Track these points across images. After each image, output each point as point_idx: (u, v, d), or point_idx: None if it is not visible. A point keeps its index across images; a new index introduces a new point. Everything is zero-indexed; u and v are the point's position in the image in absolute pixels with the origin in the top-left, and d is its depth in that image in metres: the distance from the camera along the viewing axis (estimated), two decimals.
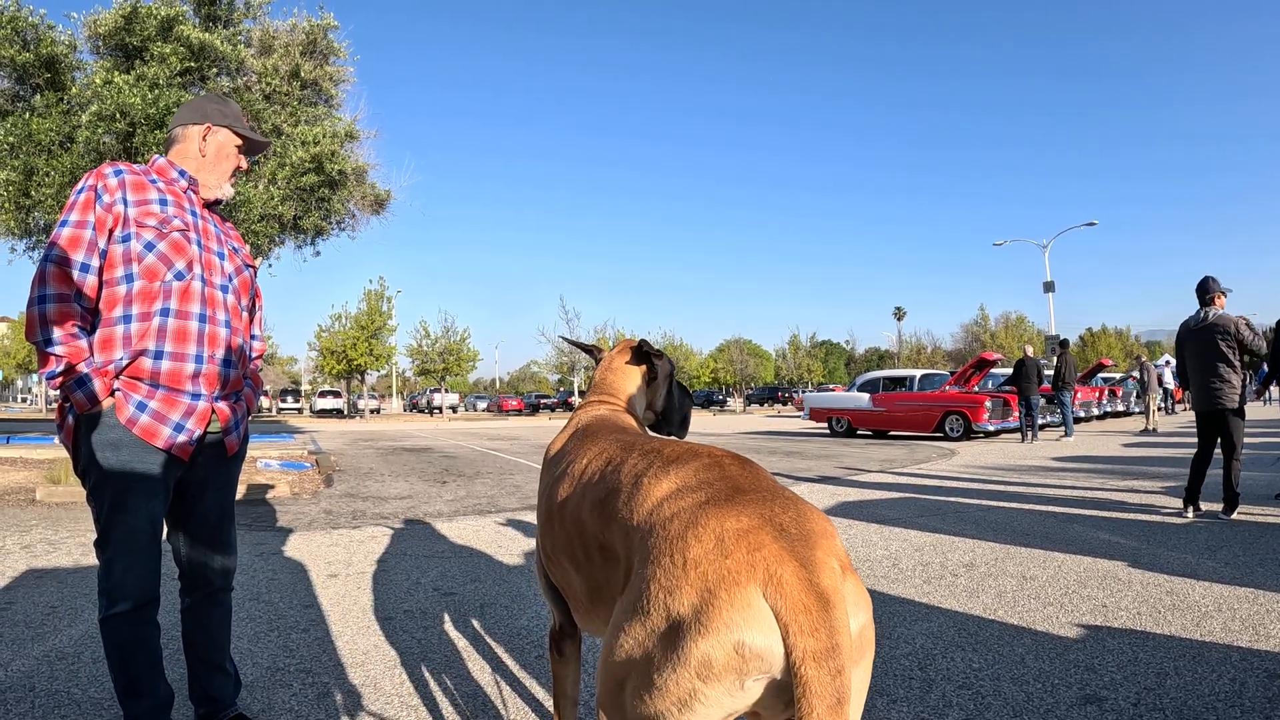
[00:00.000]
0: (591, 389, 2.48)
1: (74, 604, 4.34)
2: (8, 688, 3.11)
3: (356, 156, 14.70)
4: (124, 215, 2.35)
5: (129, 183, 2.40)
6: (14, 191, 11.30)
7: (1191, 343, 6.93)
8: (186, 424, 2.37)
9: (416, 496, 9.23)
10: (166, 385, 2.35)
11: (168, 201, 2.45)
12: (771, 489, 1.37)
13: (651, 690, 1.18)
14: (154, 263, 2.35)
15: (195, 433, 2.40)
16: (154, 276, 2.35)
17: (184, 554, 2.58)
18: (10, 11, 11.31)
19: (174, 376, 2.35)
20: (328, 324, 46.78)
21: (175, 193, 2.51)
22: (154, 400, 2.33)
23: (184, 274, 2.40)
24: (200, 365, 2.40)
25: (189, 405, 2.39)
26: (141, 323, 2.32)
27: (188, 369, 2.37)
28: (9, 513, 7.56)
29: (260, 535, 6.53)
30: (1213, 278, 6.86)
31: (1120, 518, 6.69)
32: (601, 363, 2.55)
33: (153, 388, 2.33)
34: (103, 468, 2.29)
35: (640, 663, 1.20)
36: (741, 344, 72.08)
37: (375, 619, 4.06)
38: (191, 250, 2.44)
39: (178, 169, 2.56)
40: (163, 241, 2.37)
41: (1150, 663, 3.19)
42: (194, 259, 2.43)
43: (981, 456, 13.37)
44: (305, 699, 2.99)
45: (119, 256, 2.33)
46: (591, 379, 2.59)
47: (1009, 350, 59.17)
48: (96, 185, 2.36)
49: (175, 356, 2.34)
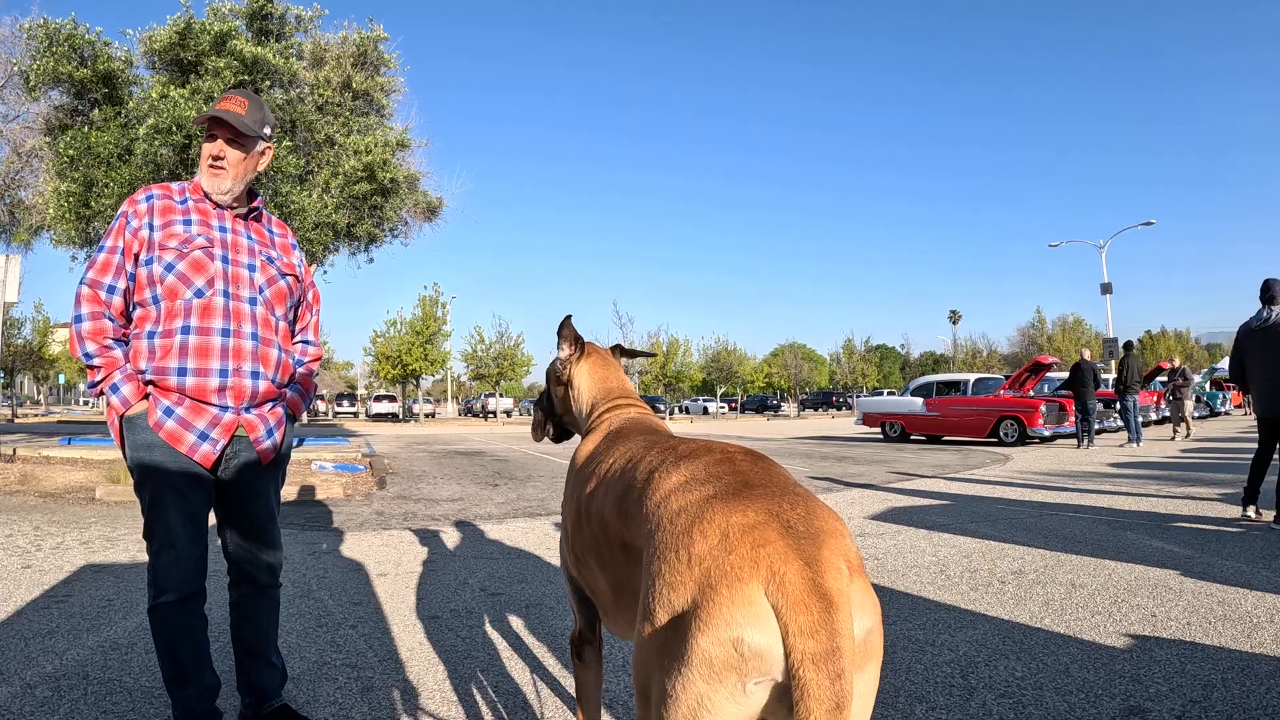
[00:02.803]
0: (608, 391, 2.37)
1: (129, 598, 4.48)
2: (63, 675, 3.23)
3: (408, 165, 14.94)
4: (148, 239, 2.50)
5: (157, 207, 2.55)
6: (74, 202, 11.70)
7: (1255, 344, 6.72)
8: (211, 433, 2.48)
9: (468, 499, 9.33)
10: (193, 397, 2.46)
11: (192, 221, 2.57)
12: (782, 485, 1.35)
13: (665, 701, 1.16)
14: (174, 283, 2.48)
15: (220, 442, 2.49)
16: (175, 296, 2.48)
17: (231, 551, 2.68)
18: (67, 30, 11.70)
19: (199, 390, 2.46)
20: (383, 329, 47.36)
21: (203, 210, 2.62)
22: (181, 408, 2.45)
23: (204, 291, 2.50)
24: (225, 379, 2.49)
25: (215, 416, 2.49)
26: (164, 339, 2.45)
27: (212, 383, 2.47)
28: (70, 510, 7.82)
29: (313, 535, 6.67)
30: (1276, 280, 6.67)
31: (1175, 525, 6.54)
32: (600, 366, 2.43)
33: (181, 397, 2.45)
34: (140, 466, 2.45)
35: (654, 664, 1.20)
36: (796, 348, 71.65)
37: (422, 617, 4.13)
38: (214, 267, 2.53)
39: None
40: (182, 261, 2.49)
41: (1198, 674, 3.12)
42: (216, 275, 2.53)
43: (1036, 462, 13.14)
44: (349, 692, 3.07)
45: (144, 278, 2.49)
46: (589, 380, 2.44)
47: (1066, 354, 57.89)
48: (128, 212, 2.54)
49: (199, 372, 2.46)
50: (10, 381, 51.44)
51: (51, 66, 11.56)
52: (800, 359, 69.51)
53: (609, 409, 2.27)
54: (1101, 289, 36.65)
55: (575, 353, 2.46)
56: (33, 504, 8.21)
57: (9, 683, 3.14)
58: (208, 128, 2.59)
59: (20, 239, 16.39)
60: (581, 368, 2.44)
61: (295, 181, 12.83)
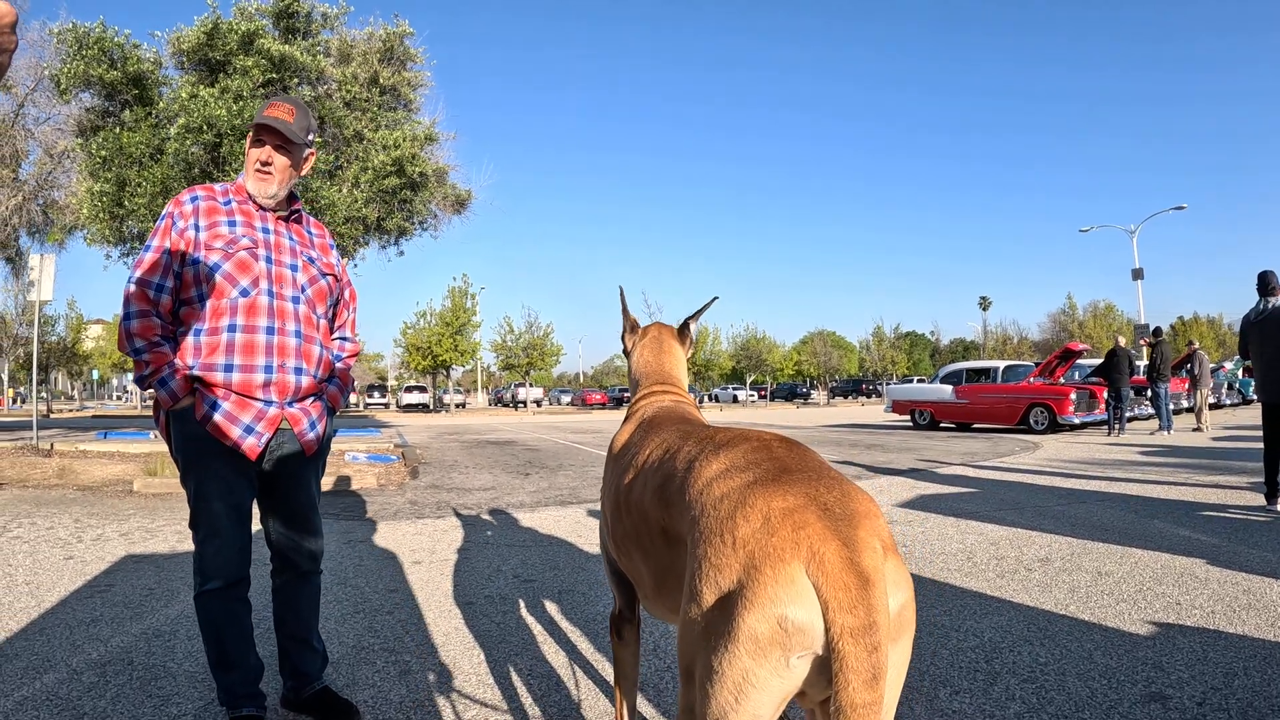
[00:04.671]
0: (646, 376, 2.44)
1: (170, 586, 4.61)
2: (108, 661, 3.35)
3: (436, 159, 15.07)
4: (194, 240, 2.58)
5: (202, 209, 2.63)
6: (108, 202, 11.90)
7: (1256, 334, 6.84)
8: (256, 427, 2.57)
9: (500, 488, 9.42)
10: (239, 393, 2.55)
11: (236, 222, 2.66)
12: (818, 469, 1.40)
13: (711, 677, 1.22)
14: (220, 282, 2.57)
15: (265, 435, 2.58)
16: (220, 295, 2.57)
17: (274, 539, 2.78)
18: (96, 33, 11.88)
19: (245, 386, 2.55)
20: (413, 321, 47.74)
21: (247, 211, 2.71)
22: (227, 402, 2.54)
23: (249, 290, 2.59)
24: (270, 375, 2.59)
25: (260, 410, 2.58)
26: (210, 337, 2.55)
27: (257, 379, 2.56)
28: (108, 503, 7.99)
29: (348, 524, 6.79)
30: (1272, 271, 6.82)
31: (1203, 514, 6.52)
32: (650, 347, 2.51)
33: (228, 392, 2.54)
34: (187, 458, 2.56)
35: (700, 643, 1.25)
36: (825, 336, 71.34)
37: (456, 603, 4.23)
38: (258, 267, 2.62)
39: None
40: (228, 262, 2.58)
41: (1220, 662, 3.14)
42: (261, 275, 2.62)
43: (1066, 450, 13.07)
44: (387, 675, 3.16)
45: (190, 278, 2.57)
46: (635, 362, 2.53)
47: (1098, 340, 57.28)
48: (174, 213, 2.62)
49: (245, 368, 2.55)
50: (45, 377, 52.29)
51: (82, 69, 11.78)
52: (830, 346, 69.22)
53: (645, 395, 2.34)
54: (1133, 274, 36.22)
55: (630, 331, 2.59)
56: (72, 497, 8.38)
57: (56, 669, 3.25)
58: (255, 133, 2.68)
59: (54, 238, 16.75)
60: (634, 347, 2.55)
61: (325, 177, 12.98)
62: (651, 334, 2.56)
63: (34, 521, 6.81)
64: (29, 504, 7.86)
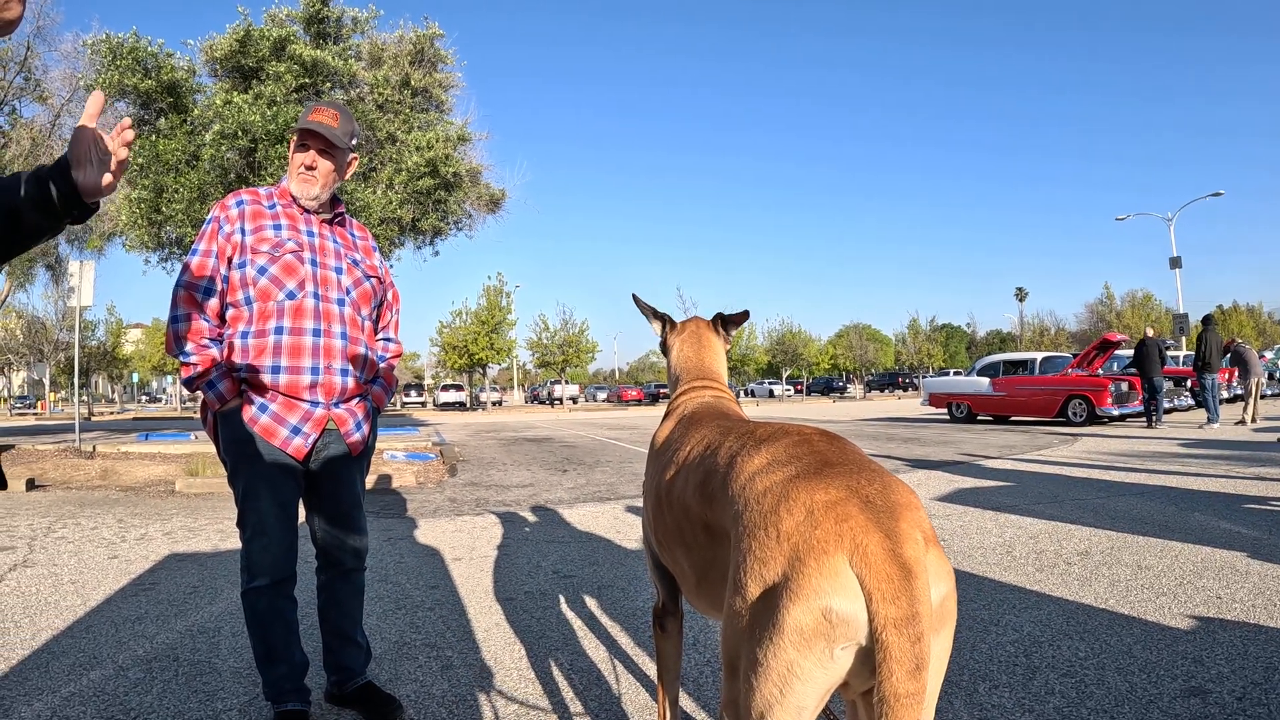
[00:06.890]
0: (686, 372, 2.43)
1: (213, 584, 4.70)
2: (154, 657, 3.43)
3: (470, 159, 15.16)
4: (241, 243, 2.63)
5: (248, 212, 2.68)
6: (145, 208, 12.10)
7: None
8: (303, 428, 2.62)
9: (538, 485, 9.48)
10: (286, 394, 2.61)
11: (282, 226, 2.71)
12: (859, 462, 1.41)
13: (755, 670, 1.23)
14: (267, 285, 2.62)
15: (311, 436, 2.64)
16: (267, 297, 2.62)
17: (319, 537, 2.84)
18: (130, 43, 12.07)
19: (292, 387, 2.60)
20: (449, 320, 48.02)
21: (292, 215, 2.76)
22: (275, 404, 2.60)
23: (295, 293, 2.64)
24: (317, 376, 2.64)
25: (306, 411, 2.63)
26: (258, 339, 2.59)
27: (304, 380, 2.61)
28: (151, 503, 8.14)
29: (388, 522, 6.88)
30: None
31: (1244, 506, 6.42)
32: (689, 343, 2.50)
33: (275, 393, 2.60)
34: (235, 459, 2.62)
35: (745, 636, 1.27)
36: (860, 329, 70.91)
37: (497, 599, 4.28)
38: (304, 270, 2.67)
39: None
40: (275, 265, 2.63)
41: (1260, 657, 3.10)
42: (307, 278, 2.67)
43: (1104, 442, 12.92)
44: (430, 670, 3.22)
45: (238, 281, 2.63)
46: (674, 358, 2.53)
47: (1136, 331, 56.39)
48: (220, 217, 2.66)
49: (291, 370, 2.60)
50: (86, 381, 53.20)
51: (117, 79, 11.97)
52: (865, 340, 68.83)
53: (685, 391, 2.35)
54: (1170, 263, 35.60)
55: (664, 328, 2.59)
56: (115, 498, 8.53)
57: (103, 666, 3.32)
58: (299, 137, 2.73)
59: (93, 245, 17.07)
60: (673, 344, 2.55)
61: (359, 179, 13.12)
62: (690, 329, 2.55)
63: (78, 522, 6.94)
64: (73, 505, 8.01)
